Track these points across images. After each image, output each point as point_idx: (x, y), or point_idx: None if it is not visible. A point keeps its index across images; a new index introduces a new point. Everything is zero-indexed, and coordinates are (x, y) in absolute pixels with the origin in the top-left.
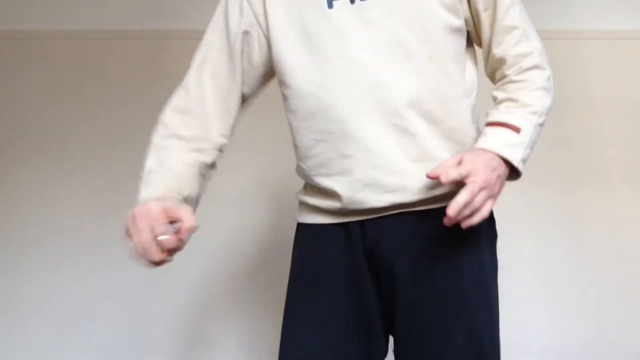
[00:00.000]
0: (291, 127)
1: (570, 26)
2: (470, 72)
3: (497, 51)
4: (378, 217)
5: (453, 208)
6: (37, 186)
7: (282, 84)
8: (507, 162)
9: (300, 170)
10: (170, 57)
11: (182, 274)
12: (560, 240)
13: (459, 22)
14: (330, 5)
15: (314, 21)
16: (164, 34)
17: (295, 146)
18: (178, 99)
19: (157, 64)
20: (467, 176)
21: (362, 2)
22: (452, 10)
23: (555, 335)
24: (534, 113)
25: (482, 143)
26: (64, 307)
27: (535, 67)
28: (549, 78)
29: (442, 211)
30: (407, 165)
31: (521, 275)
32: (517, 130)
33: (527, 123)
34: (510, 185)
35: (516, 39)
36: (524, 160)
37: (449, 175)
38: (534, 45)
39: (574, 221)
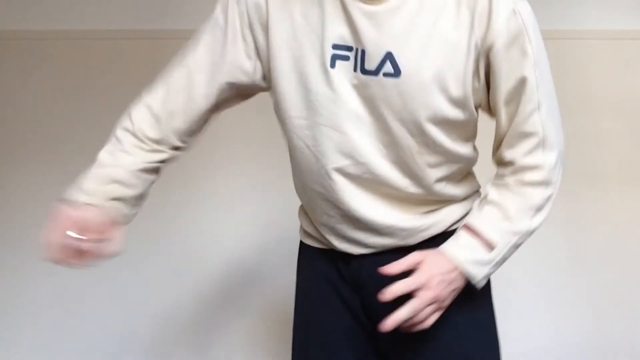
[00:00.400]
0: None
1: (571, 26)
2: (469, 153)
3: (507, 153)
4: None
5: (389, 324)
6: (36, 186)
7: (284, 130)
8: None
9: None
10: (170, 57)
11: (182, 275)
12: (560, 240)
13: (465, 116)
14: (332, 65)
15: (314, 76)
16: (164, 34)
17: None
18: (152, 95)
19: (158, 64)
20: (416, 290)
21: (364, 76)
22: (459, 104)
23: (555, 335)
24: (515, 233)
25: (450, 249)
26: (63, 308)
27: (540, 183)
28: (549, 198)
29: (426, 244)
30: (388, 229)
31: (521, 275)
32: (490, 247)
33: (504, 243)
34: None
35: (531, 146)
36: (486, 278)
37: (394, 291)
38: (548, 157)
39: (573, 221)
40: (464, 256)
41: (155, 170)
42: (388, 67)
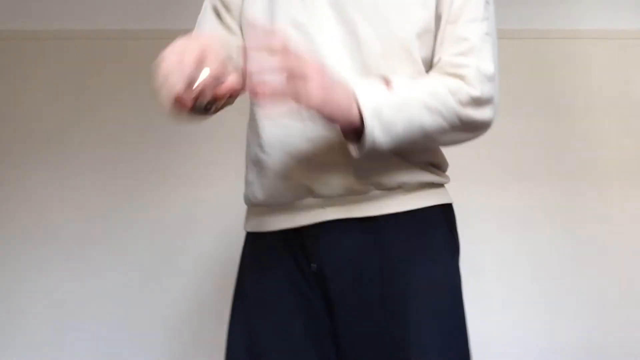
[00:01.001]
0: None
1: (571, 26)
2: None
3: (436, 54)
4: (314, 225)
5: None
6: (36, 186)
7: None
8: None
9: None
10: None
11: (181, 273)
12: (560, 240)
13: (431, 22)
14: None
15: None
16: (164, 34)
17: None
18: None
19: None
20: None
21: None
22: (425, 6)
23: (555, 335)
24: (423, 91)
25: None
26: (63, 307)
27: (461, 77)
28: (470, 96)
29: (391, 220)
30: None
31: (521, 275)
32: (388, 85)
33: (406, 90)
34: (509, 185)
35: (463, 49)
36: (376, 114)
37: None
38: (481, 63)
39: (573, 221)
40: (357, 84)
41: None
42: None
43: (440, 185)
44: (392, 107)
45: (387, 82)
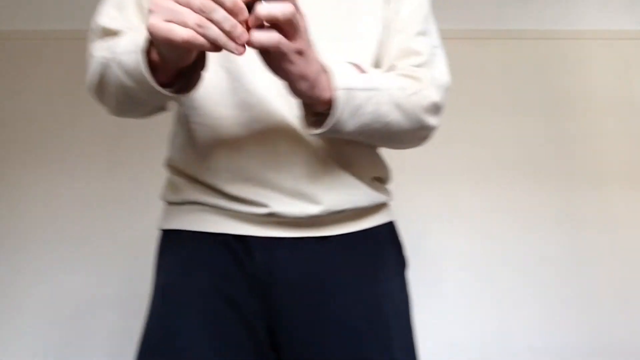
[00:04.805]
0: None
1: (570, 26)
2: None
3: (385, 65)
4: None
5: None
6: (36, 185)
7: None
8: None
9: None
10: None
11: None
12: (560, 240)
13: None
14: None
15: None
16: None
17: None
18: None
19: None
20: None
21: None
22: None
23: (555, 335)
24: (395, 87)
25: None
26: (63, 308)
27: (419, 81)
28: (433, 103)
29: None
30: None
31: (521, 274)
32: (361, 70)
33: (379, 79)
34: (510, 184)
35: (416, 62)
36: (349, 90)
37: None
38: (435, 73)
39: (573, 221)
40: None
41: None
42: None
43: (387, 204)
44: (364, 89)
45: (359, 68)
